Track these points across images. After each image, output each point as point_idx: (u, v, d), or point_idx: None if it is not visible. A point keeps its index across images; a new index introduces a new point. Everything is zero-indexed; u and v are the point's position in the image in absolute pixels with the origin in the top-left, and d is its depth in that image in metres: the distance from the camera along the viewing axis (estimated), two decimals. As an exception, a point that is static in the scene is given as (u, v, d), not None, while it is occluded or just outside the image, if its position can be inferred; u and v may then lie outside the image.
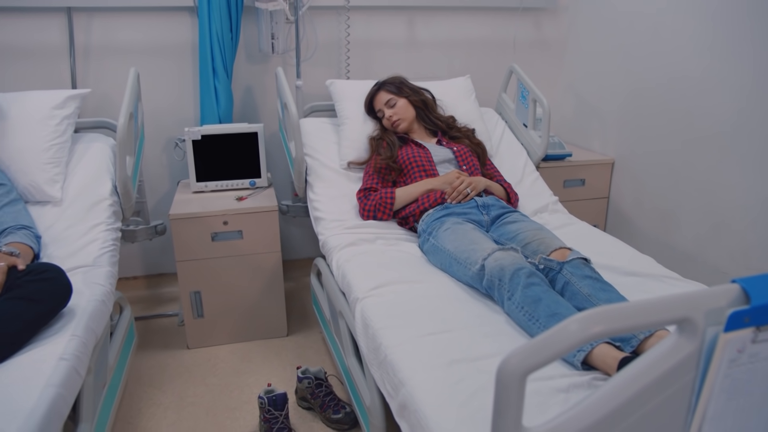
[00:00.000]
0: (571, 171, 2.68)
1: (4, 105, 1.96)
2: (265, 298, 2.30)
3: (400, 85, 2.21)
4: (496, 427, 0.82)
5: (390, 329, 1.35)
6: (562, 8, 2.95)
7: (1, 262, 1.38)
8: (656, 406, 0.85)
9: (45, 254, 1.71)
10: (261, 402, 1.78)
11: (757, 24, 1.97)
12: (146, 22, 2.47)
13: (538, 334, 1.26)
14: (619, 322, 0.82)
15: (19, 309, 1.30)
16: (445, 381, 1.15)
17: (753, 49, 2.00)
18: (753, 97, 2.01)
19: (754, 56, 2.00)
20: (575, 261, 1.47)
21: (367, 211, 1.99)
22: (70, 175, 1.97)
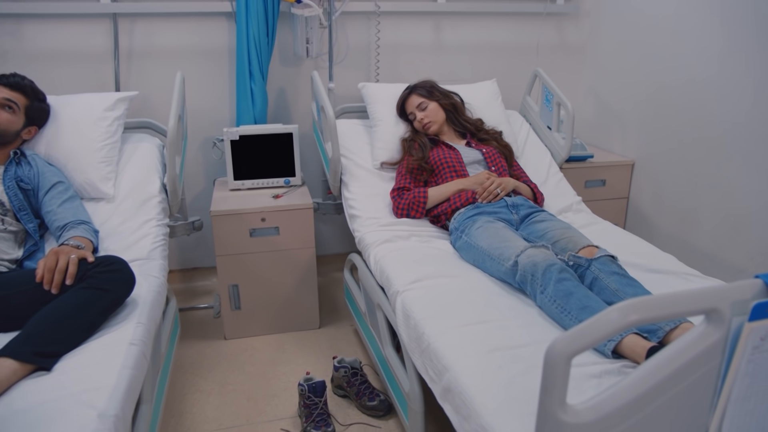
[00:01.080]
0: (593, 172, 2.77)
1: (59, 107, 2.08)
2: (299, 292, 2.41)
3: (431, 89, 2.31)
4: (543, 403, 0.92)
5: (431, 320, 1.45)
6: (583, 13, 3.03)
7: (72, 254, 1.50)
8: (686, 387, 0.94)
9: (102, 248, 1.83)
10: (301, 389, 1.89)
11: (777, 32, 2.05)
12: (185, 27, 2.59)
13: (570, 325, 1.36)
14: (654, 312, 0.91)
15: (93, 298, 1.41)
16: (487, 367, 1.25)
17: (773, 56, 2.08)
18: (772, 103, 2.09)
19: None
20: (603, 258, 1.56)
21: (400, 209, 2.09)
22: (121, 174, 2.09)
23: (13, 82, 1.92)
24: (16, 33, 2.45)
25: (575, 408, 0.92)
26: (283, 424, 1.92)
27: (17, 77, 1.92)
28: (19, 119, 1.93)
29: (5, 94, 1.88)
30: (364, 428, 1.89)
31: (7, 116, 1.88)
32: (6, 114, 1.87)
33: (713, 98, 2.33)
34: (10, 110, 1.88)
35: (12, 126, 1.90)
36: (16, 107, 1.91)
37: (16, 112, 1.91)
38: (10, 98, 1.89)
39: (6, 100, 1.87)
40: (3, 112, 1.86)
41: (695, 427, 0.98)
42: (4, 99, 1.87)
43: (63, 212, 1.83)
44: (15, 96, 1.90)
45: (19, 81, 1.91)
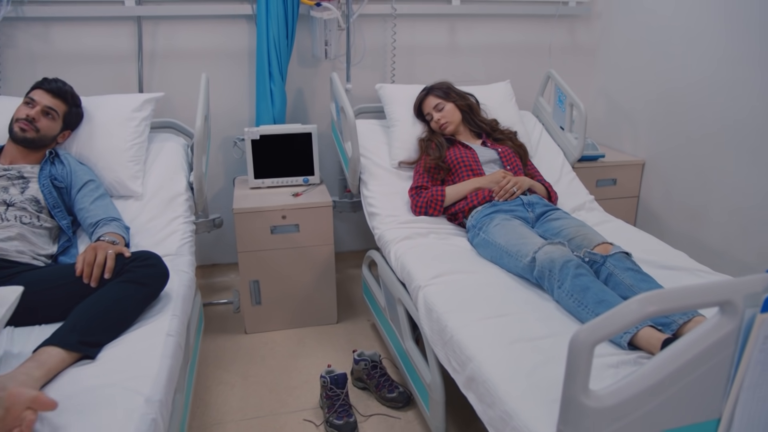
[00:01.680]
0: (604, 171, 2.83)
1: (89, 108, 2.15)
2: (317, 288, 2.48)
3: (448, 90, 2.37)
4: (567, 388, 0.99)
5: (453, 313, 1.52)
6: (595, 15, 3.08)
7: (109, 250, 1.57)
8: (701, 374, 1.01)
9: (132, 244, 1.90)
10: (323, 381, 1.96)
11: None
12: (207, 30, 2.66)
13: (587, 318, 1.42)
14: (671, 303, 0.98)
15: (131, 291, 1.49)
16: (509, 357, 1.31)
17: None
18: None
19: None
20: (618, 254, 1.62)
21: (419, 207, 2.16)
22: (148, 172, 2.17)
23: (56, 88, 2.00)
24: (44, 36, 2.52)
25: (597, 393, 0.98)
26: (305, 415, 1.99)
27: (59, 83, 2.00)
28: (57, 125, 2.01)
29: (47, 102, 1.97)
30: (384, 419, 1.96)
31: (47, 123, 1.97)
32: (46, 120, 1.95)
33: (722, 98, 2.38)
34: (51, 117, 1.96)
35: (51, 132, 1.99)
36: (56, 114, 1.99)
37: (56, 118, 1.99)
38: (52, 106, 1.98)
39: (49, 109, 1.96)
40: (44, 119, 1.95)
41: (709, 412, 1.04)
42: (47, 107, 1.96)
43: (95, 209, 1.91)
44: (55, 103, 1.99)
45: (61, 87, 1.99)
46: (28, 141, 1.94)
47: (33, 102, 1.97)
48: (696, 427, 1.04)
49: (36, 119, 1.94)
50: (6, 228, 1.73)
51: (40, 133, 1.96)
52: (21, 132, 1.93)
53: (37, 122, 1.94)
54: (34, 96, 1.98)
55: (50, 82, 2.00)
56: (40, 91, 1.98)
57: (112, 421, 1.11)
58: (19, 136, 1.93)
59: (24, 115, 1.94)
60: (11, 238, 1.72)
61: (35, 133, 1.95)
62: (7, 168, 1.90)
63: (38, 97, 1.98)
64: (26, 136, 1.93)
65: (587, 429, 0.99)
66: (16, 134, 1.94)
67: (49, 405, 1.09)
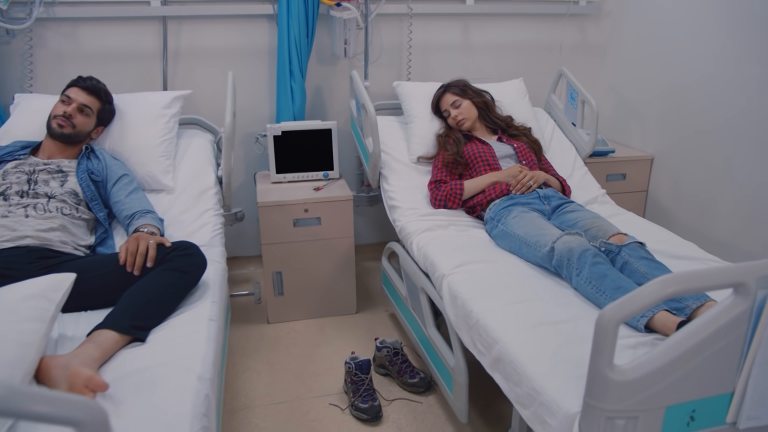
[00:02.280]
0: (614, 166, 2.91)
1: (120, 105, 2.24)
2: (338, 279, 2.57)
3: (464, 88, 2.45)
4: (593, 363, 1.07)
5: (478, 299, 1.60)
6: (604, 14, 3.16)
7: (150, 240, 1.66)
8: (716, 351, 1.09)
9: (166, 235, 1.98)
10: (348, 367, 2.05)
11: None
12: (229, 29, 2.74)
13: (605, 303, 1.51)
14: (690, 284, 1.06)
15: (174, 279, 1.57)
16: (533, 339, 1.40)
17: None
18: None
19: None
20: (632, 244, 1.71)
21: (438, 200, 2.24)
22: (178, 167, 2.26)
23: (91, 86, 2.09)
24: (72, 35, 2.61)
25: (622, 368, 1.07)
26: (330, 400, 2.08)
27: (94, 81, 2.08)
28: (92, 121, 2.10)
29: (83, 99, 2.06)
30: (406, 403, 2.05)
31: (83, 119, 2.05)
32: (82, 117, 2.04)
33: (729, 93, 2.46)
34: (86, 114, 2.05)
35: (86, 128, 2.08)
36: (91, 111, 2.08)
37: (90, 115, 2.08)
38: (87, 104, 2.07)
39: (84, 106, 2.05)
40: (80, 116, 2.03)
41: (724, 386, 1.12)
42: (82, 105, 2.05)
43: (130, 202, 2.00)
44: (90, 101, 2.08)
45: (96, 85, 2.08)
46: (65, 137, 2.03)
47: (69, 99, 2.05)
48: (711, 400, 1.13)
49: (72, 116, 2.03)
50: (49, 219, 1.82)
51: (76, 129, 2.04)
52: (59, 128, 2.02)
53: (73, 119, 2.03)
54: (70, 93, 2.07)
55: (85, 80, 2.09)
56: (76, 89, 2.07)
57: (169, 397, 1.19)
58: (57, 132, 2.02)
59: (61, 111, 2.03)
60: (54, 229, 1.81)
61: (72, 129, 2.03)
62: (47, 162, 1.99)
63: (74, 94, 2.06)
64: (63, 132, 2.02)
65: (612, 401, 1.07)
66: (54, 130, 2.03)
67: (101, 386, 1.18)
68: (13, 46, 2.56)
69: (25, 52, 2.56)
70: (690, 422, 1.13)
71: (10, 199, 1.85)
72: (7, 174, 1.92)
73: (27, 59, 2.56)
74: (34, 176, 1.93)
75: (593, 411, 1.09)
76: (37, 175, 1.93)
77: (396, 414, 2.00)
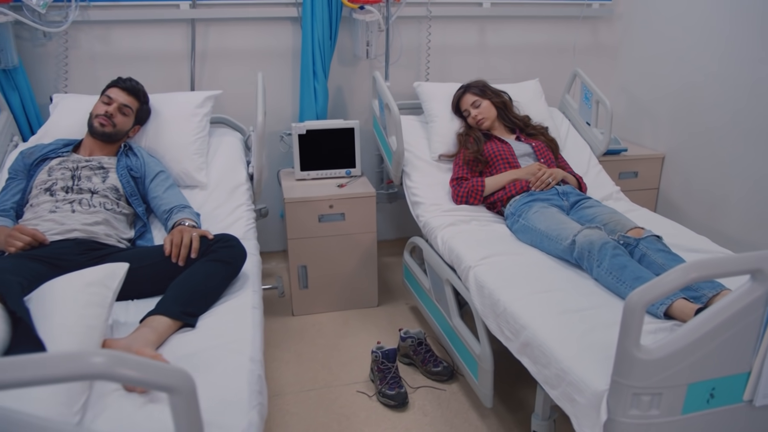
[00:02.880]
0: (626, 164, 2.99)
1: (155, 105, 2.34)
2: (360, 273, 2.66)
3: (484, 88, 2.54)
4: (621, 343, 1.16)
5: (504, 289, 1.69)
6: (616, 16, 3.25)
7: (193, 232, 1.75)
8: (734, 333, 1.18)
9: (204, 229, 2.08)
10: (375, 355, 2.14)
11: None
12: (254, 31, 2.84)
13: (626, 292, 1.59)
14: (710, 270, 1.15)
15: (218, 269, 1.67)
16: (559, 324, 1.49)
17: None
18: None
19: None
20: (650, 237, 1.80)
21: (460, 197, 2.33)
22: (211, 164, 2.35)
23: (131, 86, 2.18)
24: (104, 37, 2.71)
25: (647, 348, 1.16)
26: (357, 387, 2.17)
27: (133, 82, 2.18)
28: (130, 121, 2.20)
29: (123, 99, 2.15)
30: (430, 391, 2.14)
31: (122, 119, 2.15)
32: (122, 117, 2.14)
33: (737, 92, 2.55)
34: (125, 113, 2.14)
35: (125, 126, 2.18)
36: (130, 111, 2.18)
37: (129, 115, 2.18)
38: (127, 104, 2.16)
39: (124, 106, 2.14)
40: (120, 116, 2.13)
41: (741, 366, 1.22)
42: (122, 105, 2.14)
43: (168, 198, 2.09)
44: (130, 101, 2.18)
45: (135, 86, 2.18)
46: (105, 135, 2.12)
47: (110, 100, 2.15)
48: (730, 379, 1.22)
49: (113, 115, 2.12)
50: (93, 213, 1.92)
51: (117, 128, 2.14)
52: (100, 127, 2.11)
53: (114, 118, 2.12)
54: (111, 94, 2.16)
55: (125, 81, 2.19)
56: (116, 90, 2.16)
57: (225, 376, 1.29)
58: (99, 131, 2.12)
59: (103, 111, 2.12)
60: (98, 223, 1.91)
61: (113, 128, 2.13)
62: (89, 159, 2.08)
63: (115, 95, 2.16)
64: (105, 130, 2.11)
65: (638, 378, 1.17)
66: (96, 129, 2.12)
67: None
68: (48, 48, 2.66)
69: (60, 54, 2.65)
70: (710, 399, 1.22)
71: (57, 194, 1.95)
72: (53, 170, 2.02)
73: (62, 60, 2.66)
74: (77, 172, 2.02)
75: (621, 388, 1.19)
76: (80, 171, 2.03)
77: (421, 401, 2.09)
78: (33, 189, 2.00)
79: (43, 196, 1.95)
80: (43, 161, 2.07)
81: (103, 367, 0.77)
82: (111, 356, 0.78)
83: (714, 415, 1.23)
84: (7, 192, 2.02)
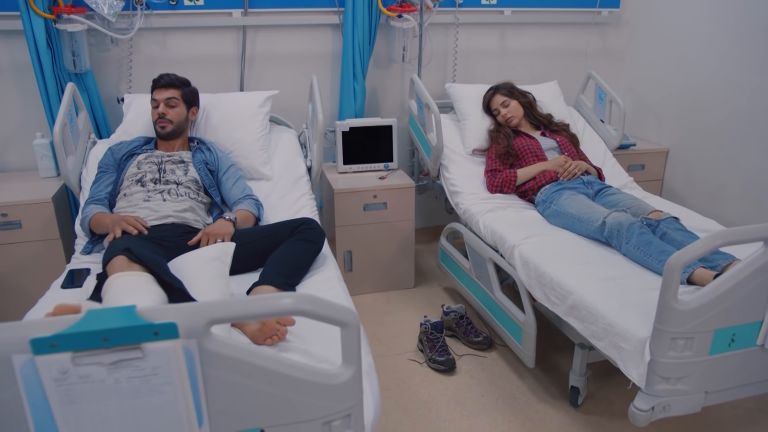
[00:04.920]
0: (634, 158, 3.31)
1: (222, 104, 2.60)
2: (399, 257, 2.94)
3: (511, 89, 2.83)
4: (662, 296, 1.45)
5: (549, 262, 1.99)
6: (624, 23, 3.55)
7: (218, 238, 1.99)
8: (751, 288, 1.47)
9: (273, 216, 2.34)
10: (424, 327, 2.42)
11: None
12: (297, 37, 3.10)
13: (652, 264, 1.89)
14: (732, 238, 1.44)
15: (307, 247, 1.94)
16: (601, 289, 1.79)
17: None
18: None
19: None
20: (669, 219, 2.10)
21: (494, 186, 2.62)
22: (272, 159, 2.61)
23: (166, 81, 2.37)
24: (162, 43, 2.95)
25: (683, 299, 1.45)
26: (408, 356, 2.45)
27: (165, 76, 2.37)
28: (182, 109, 2.38)
29: (165, 95, 2.35)
30: (473, 358, 2.43)
31: (174, 111, 2.35)
32: (172, 110, 2.34)
33: (735, 91, 2.87)
34: (173, 105, 2.35)
35: (181, 116, 2.37)
36: (176, 101, 2.36)
37: (178, 104, 2.37)
38: (172, 96, 2.36)
39: (168, 99, 2.34)
40: (171, 110, 2.33)
41: (755, 316, 1.51)
42: (167, 99, 2.34)
43: (236, 189, 2.35)
44: (171, 92, 2.36)
45: (167, 78, 2.36)
46: (169, 133, 2.34)
47: (156, 102, 2.35)
48: (747, 326, 1.52)
49: (165, 113, 2.33)
50: (181, 202, 2.18)
51: (174, 121, 2.34)
52: (162, 129, 2.34)
53: (167, 115, 2.33)
54: (154, 96, 2.36)
55: (159, 80, 2.37)
56: (156, 91, 2.36)
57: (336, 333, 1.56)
58: (163, 133, 2.34)
59: (156, 116, 2.34)
60: (186, 210, 2.17)
61: (171, 125, 2.34)
62: (170, 154, 2.34)
63: (158, 95, 2.35)
64: (167, 130, 2.34)
65: (675, 325, 1.46)
66: (160, 133, 2.35)
67: (290, 322, 1.54)
68: (112, 53, 2.90)
69: (123, 57, 2.90)
70: (731, 343, 1.52)
71: (147, 185, 2.20)
72: (141, 164, 2.28)
73: (127, 64, 2.90)
74: (162, 166, 2.28)
75: (661, 334, 1.48)
76: (164, 165, 2.28)
77: (467, 366, 2.38)
78: (124, 180, 2.25)
79: (135, 187, 2.20)
80: (131, 156, 2.32)
81: (296, 305, 1.04)
82: (302, 297, 1.06)
83: (734, 357, 1.53)
84: (100, 184, 2.27)
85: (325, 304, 1.09)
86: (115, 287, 1.55)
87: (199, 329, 1.00)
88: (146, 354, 0.98)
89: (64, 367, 0.96)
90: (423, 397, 2.19)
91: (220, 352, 1.03)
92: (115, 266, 1.64)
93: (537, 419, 2.06)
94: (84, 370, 0.98)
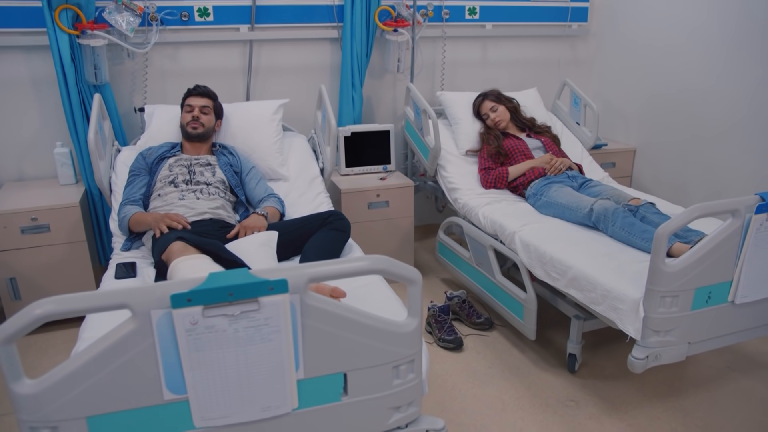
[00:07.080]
0: (606, 156, 3.65)
1: (240, 112, 2.82)
2: (400, 251, 3.19)
3: (498, 96, 3.14)
4: (653, 260, 1.75)
5: (548, 243, 2.28)
6: (591, 35, 3.92)
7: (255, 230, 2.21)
8: (722, 253, 1.78)
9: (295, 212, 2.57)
10: (432, 310, 2.68)
11: (749, 47, 2.97)
12: (299, 50, 3.34)
13: (636, 242, 2.20)
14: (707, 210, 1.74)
15: (338, 236, 2.18)
16: (596, 263, 2.08)
17: (745, 68, 2.99)
18: (742, 104, 3.01)
19: (744, 74, 2.99)
20: (646, 204, 2.41)
21: (488, 182, 2.91)
22: (288, 161, 2.84)
23: (203, 91, 2.63)
24: (173, 56, 3.15)
25: (670, 262, 1.75)
26: (417, 336, 2.69)
27: (202, 87, 2.62)
28: (212, 117, 2.64)
29: (201, 102, 2.60)
30: (477, 337, 2.69)
31: (206, 118, 2.60)
32: (205, 116, 2.58)
33: (700, 101, 3.24)
34: (207, 113, 2.59)
35: (210, 123, 2.62)
36: (209, 109, 2.62)
37: (209, 113, 2.62)
38: (206, 104, 2.61)
39: (203, 107, 2.59)
40: (204, 116, 2.58)
41: (726, 275, 1.82)
42: (203, 106, 2.59)
43: (259, 188, 2.58)
44: (206, 101, 2.62)
45: (205, 89, 2.62)
46: (199, 135, 2.57)
47: (192, 107, 2.59)
48: (720, 285, 1.83)
49: (199, 117, 2.57)
50: (213, 200, 2.39)
51: (205, 126, 2.58)
52: (193, 130, 2.56)
53: (200, 119, 2.57)
54: (190, 102, 2.60)
55: (197, 89, 2.62)
56: (193, 98, 2.60)
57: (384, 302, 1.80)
58: (193, 134, 2.57)
59: (190, 118, 2.57)
60: (218, 207, 2.38)
61: (203, 128, 2.57)
62: (197, 158, 2.54)
63: (193, 102, 2.59)
64: (198, 132, 2.56)
65: (664, 284, 1.75)
66: (191, 133, 2.57)
67: (342, 294, 1.77)
68: (126, 65, 3.08)
69: (138, 70, 3.09)
70: (708, 299, 1.83)
71: (180, 186, 2.41)
72: (172, 167, 2.47)
73: (142, 76, 3.09)
74: (191, 168, 2.48)
75: (652, 293, 1.78)
76: (193, 167, 2.49)
77: (472, 344, 2.64)
78: (158, 182, 2.44)
79: (168, 188, 2.40)
80: (161, 160, 2.52)
81: (374, 265, 1.29)
82: (377, 259, 1.31)
83: (711, 312, 1.84)
84: (134, 186, 2.46)
85: (397, 264, 1.34)
86: (182, 269, 1.76)
87: (301, 286, 1.23)
88: (261, 306, 1.21)
89: (195, 319, 1.18)
90: (437, 371, 2.44)
91: (316, 305, 1.26)
92: (174, 252, 1.84)
93: (540, 384, 2.34)
94: (210, 321, 1.20)
